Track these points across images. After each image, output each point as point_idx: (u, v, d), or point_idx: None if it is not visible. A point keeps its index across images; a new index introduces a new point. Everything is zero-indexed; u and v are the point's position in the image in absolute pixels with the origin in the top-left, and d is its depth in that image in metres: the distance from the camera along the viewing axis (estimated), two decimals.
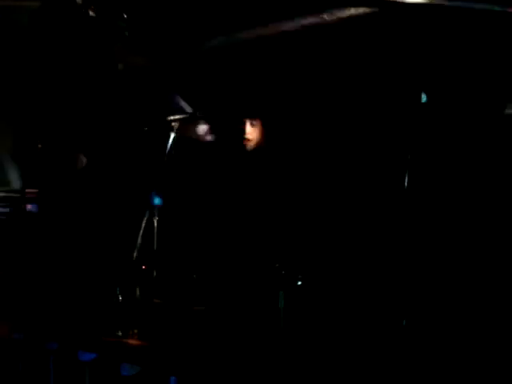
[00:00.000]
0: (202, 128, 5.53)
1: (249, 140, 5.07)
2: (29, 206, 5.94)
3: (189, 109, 5.54)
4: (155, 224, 4.90)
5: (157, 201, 4.85)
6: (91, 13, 5.64)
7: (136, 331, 4.44)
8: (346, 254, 4.78)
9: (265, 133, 5.10)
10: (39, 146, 6.10)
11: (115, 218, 5.43)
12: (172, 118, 5.01)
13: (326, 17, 4.90)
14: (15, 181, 6.65)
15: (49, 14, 6.02)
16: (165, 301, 4.80)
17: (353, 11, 4.78)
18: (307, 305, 4.52)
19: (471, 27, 4.21)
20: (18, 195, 6.00)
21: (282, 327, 4.32)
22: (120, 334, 4.44)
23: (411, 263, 4.35)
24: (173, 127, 4.92)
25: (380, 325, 4.34)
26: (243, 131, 5.08)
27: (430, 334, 4.24)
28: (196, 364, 4.04)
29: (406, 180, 4.45)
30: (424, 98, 4.35)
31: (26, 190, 6.01)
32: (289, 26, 5.21)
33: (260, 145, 5.10)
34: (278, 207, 4.89)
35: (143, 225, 4.75)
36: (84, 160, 5.63)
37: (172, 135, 4.84)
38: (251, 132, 5.08)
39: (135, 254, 4.60)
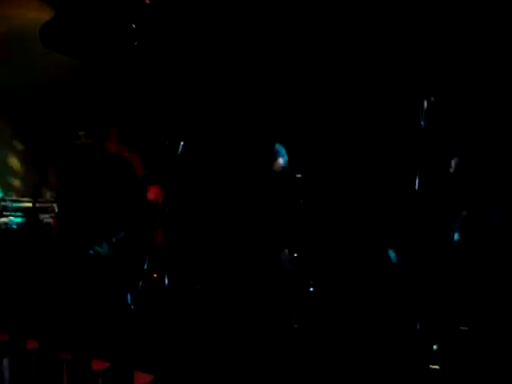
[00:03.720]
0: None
1: None
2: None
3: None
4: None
5: None
6: None
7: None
8: (358, 256, 4.77)
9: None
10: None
11: (126, 228, 5.43)
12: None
13: None
14: None
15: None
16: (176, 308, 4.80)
17: None
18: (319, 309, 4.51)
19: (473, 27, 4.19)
20: (31, 205, 6.04)
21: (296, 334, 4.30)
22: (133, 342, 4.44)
23: (422, 266, 4.32)
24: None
25: (392, 327, 4.32)
26: None
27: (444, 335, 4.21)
28: (209, 373, 4.03)
29: (417, 182, 4.43)
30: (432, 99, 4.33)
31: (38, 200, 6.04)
32: None
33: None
34: (295, 210, 4.89)
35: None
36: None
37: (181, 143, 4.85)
38: None
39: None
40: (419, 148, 4.38)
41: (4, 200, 6.55)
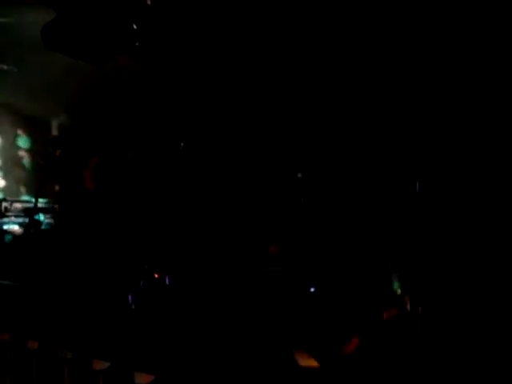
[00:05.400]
0: None
1: None
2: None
3: None
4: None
5: None
6: None
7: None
8: (358, 258, 4.77)
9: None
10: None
11: (127, 227, 5.45)
12: None
13: None
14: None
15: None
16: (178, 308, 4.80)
17: None
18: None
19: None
20: (32, 206, 6.05)
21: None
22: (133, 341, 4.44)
23: (423, 266, 4.33)
24: None
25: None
26: None
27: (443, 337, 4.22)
28: (209, 374, 4.04)
29: (418, 185, 4.44)
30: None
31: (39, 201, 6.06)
32: None
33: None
34: (297, 212, 4.89)
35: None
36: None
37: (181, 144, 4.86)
38: None
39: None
40: (418, 149, 4.39)
41: (5, 200, 6.56)
